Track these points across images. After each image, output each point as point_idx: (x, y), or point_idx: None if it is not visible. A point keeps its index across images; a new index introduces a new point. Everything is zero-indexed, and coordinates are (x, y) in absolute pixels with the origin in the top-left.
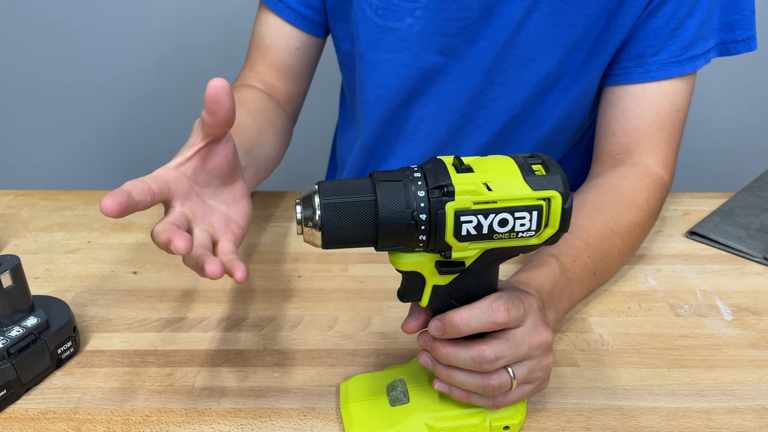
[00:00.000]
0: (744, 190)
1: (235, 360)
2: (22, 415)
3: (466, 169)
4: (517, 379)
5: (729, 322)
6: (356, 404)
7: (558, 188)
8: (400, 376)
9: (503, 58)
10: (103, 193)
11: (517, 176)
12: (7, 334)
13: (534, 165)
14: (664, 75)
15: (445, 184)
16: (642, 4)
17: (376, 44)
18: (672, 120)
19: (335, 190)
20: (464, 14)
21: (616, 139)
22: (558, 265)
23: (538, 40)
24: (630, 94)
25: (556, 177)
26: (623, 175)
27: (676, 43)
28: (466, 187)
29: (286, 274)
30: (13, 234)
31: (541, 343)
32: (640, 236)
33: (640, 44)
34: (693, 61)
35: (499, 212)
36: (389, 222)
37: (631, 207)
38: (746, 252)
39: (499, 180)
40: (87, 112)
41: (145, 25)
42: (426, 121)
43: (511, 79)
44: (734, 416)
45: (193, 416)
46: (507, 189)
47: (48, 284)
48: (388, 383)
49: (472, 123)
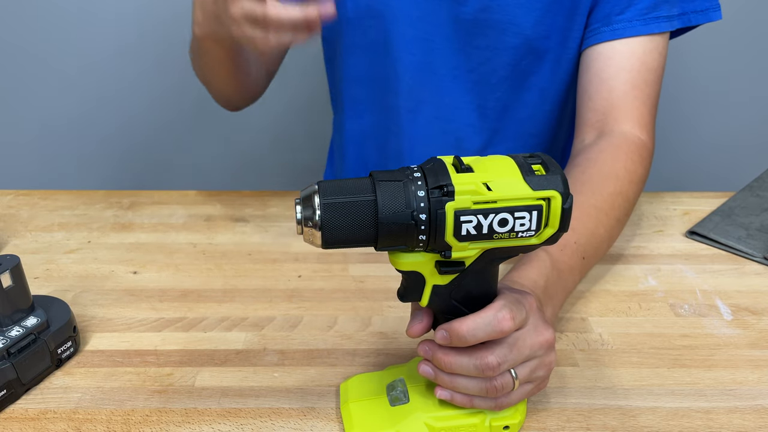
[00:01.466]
0: (744, 190)
1: (235, 360)
2: (22, 415)
3: (466, 169)
4: (519, 379)
5: (729, 322)
6: (356, 404)
7: (558, 188)
8: (400, 375)
9: (483, 22)
10: (103, 193)
11: (516, 176)
12: (7, 334)
13: (534, 165)
14: (630, 32)
15: (445, 183)
16: None
17: (355, 11)
18: (644, 79)
19: (335, 189)
20: None
21: (593, 104)
22: (548, 258)
23: (515, 3)
24: (601, 54)
25: (556, 177)
26: (601, 147)
27: (641, 2)
28: (466, 186)
29: (286, 274)
30: (13, 234)
31: (542, 343)
32: (623, 205)
33: (607, 5)
34: (658, 22)
35: (499, 212)
36: (389, 222)
37: (609, 178)
38: (746, 252)
39: (499, 180)
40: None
41: (147, 25)
42: (414, 92)
43: (494, 43)
44: (734, 416)
45: (193, 416)
46: (507, 189)
47: (48, 284)
48: (388, 383)
49: (462, 87)
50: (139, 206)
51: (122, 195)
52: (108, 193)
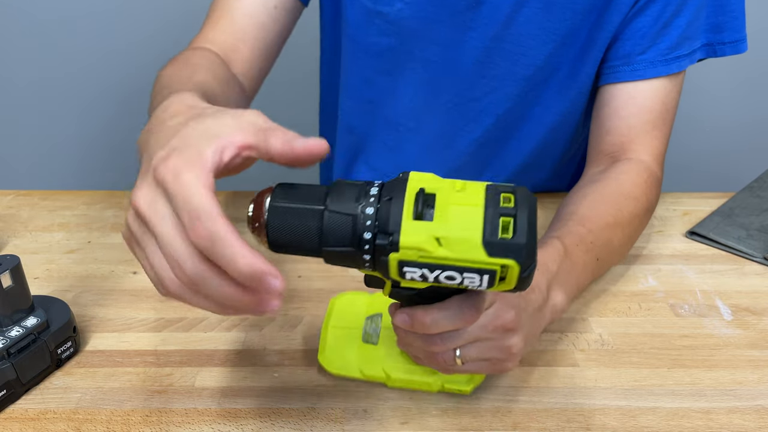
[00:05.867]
0: (744, 190)
1: (235, 360)
2: (22, 415)
3: (423, 214)
4: (461, 358)
5: (729, 322)
6: (333, 331)
7: (518, 258)
8: (381, 311)
9: (493, 51)
10: (103, 193)
11: (476, 233)
12: (7, 334)
13: (504, 217)
14: (651, 74)
15: (392, 232)
16: (629, 2)
17: (365, 27)
18: (663, 119)
19: (289, 194)
20: (453, 1)
21: (611, 138)
22: (562, 247)
23: (528, 35)
24: (621, 92)
25: (520, 244)
26: (621, 169)
27: (663, 42)
28: (415, 241)
29: (286, 274)
30: (13, 234)
31: (497, 326)
32: (638, 229)
33: (627, 43)
34: (679, 60)
35: (446, 269)
36: (333, 244)
37: (630, 198)
38: (746, 252)
39: (455, 235)
40: (88, 112)
41: (146, 23)
42: (415, 111)
43: (502, 73)
44: (734, 416)
45: (193, 416)
46: (459, 250)
47: (48, 284)
48: (368, 315)
49: (464, 116)
50: None
51: (122, 195)
52: (108, 193)
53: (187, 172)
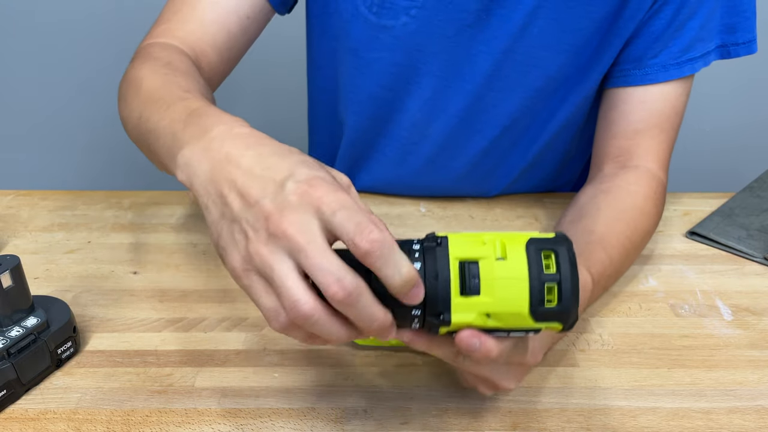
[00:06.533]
0: (744, 190)
1: (235, 360)
2: (22, 415)
3: (469, 286)
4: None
5: (729, 322)
6: None
7: (563, 321)
8: None
9: (504, 64)
10: (104, 193)
11: (523, 306)
12: (7, 334)
13: (549, 284)
14: (663, 77)
15: (442, 312)
16: (645, 7)
17: (369, 42)
18: (671, 123)
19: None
20: (461, 16)
21: (617, 141)
22: (591, 280)
23: (541, 46)
24: (632, 96)
25: (565, 312)
26: (630, 179)
27: (675, 45)
28: (466, 319)
29: None
30: (13, 234)
31: (528, 362)
32: (646, 243)
33: (640, 46)
34: (692, 63)
35: (495, 332)
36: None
37: (644, 215)
38: (746, 252)
39: (504, 310)
40: (87, 112)
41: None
42: (420, 125)
43: (512, 85)
44: (734, 416)
45: (193, 416)
46: (508, 321)
47: (48, 284)
48: None
49: (470, 128)
50: (139, 206)
51: (122, 195)
52: (108, 193)
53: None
